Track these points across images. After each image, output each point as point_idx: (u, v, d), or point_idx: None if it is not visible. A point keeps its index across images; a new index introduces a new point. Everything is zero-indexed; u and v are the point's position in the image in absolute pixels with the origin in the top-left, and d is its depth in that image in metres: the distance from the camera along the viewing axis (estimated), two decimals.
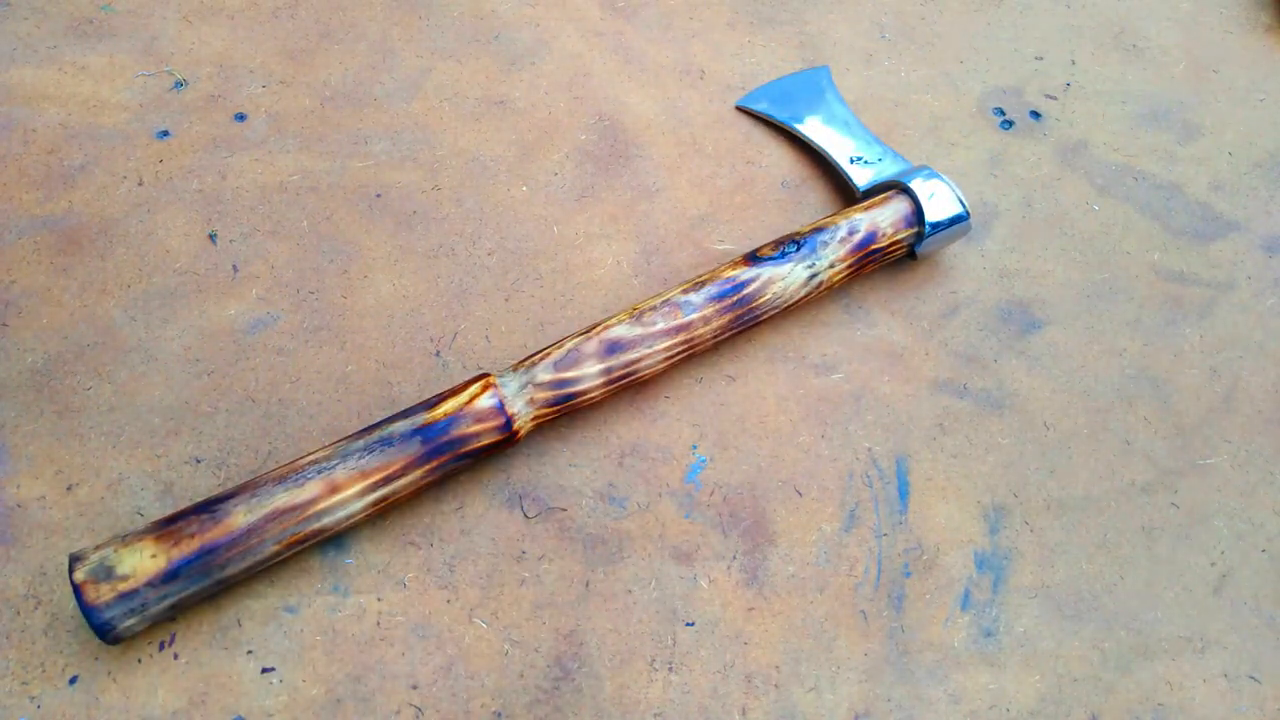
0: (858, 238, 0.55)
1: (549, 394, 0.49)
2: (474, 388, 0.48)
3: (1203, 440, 0.55)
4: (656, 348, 0.51)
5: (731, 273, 0.53)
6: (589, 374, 0.49)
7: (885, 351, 0.57)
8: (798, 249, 0.53)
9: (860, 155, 0.62)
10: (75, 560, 0.42)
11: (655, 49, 0.72)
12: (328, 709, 0.44)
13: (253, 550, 0.44)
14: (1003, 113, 0.70)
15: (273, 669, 0.45)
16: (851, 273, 0.56)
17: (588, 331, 0.50)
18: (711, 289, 0.52)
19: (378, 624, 0.47)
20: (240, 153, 0.63)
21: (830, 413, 0.55)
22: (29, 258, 0.57)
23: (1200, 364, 0.58)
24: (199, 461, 0.51)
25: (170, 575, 0.42)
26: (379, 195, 0.62)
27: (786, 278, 0.53)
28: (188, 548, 0.42)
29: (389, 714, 0.44)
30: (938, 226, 0.57)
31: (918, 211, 0.57)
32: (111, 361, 0.54)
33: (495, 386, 0.48)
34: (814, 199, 0.64)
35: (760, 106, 0.67)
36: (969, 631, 0.48)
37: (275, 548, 0.44)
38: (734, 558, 0.50)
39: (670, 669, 0.46)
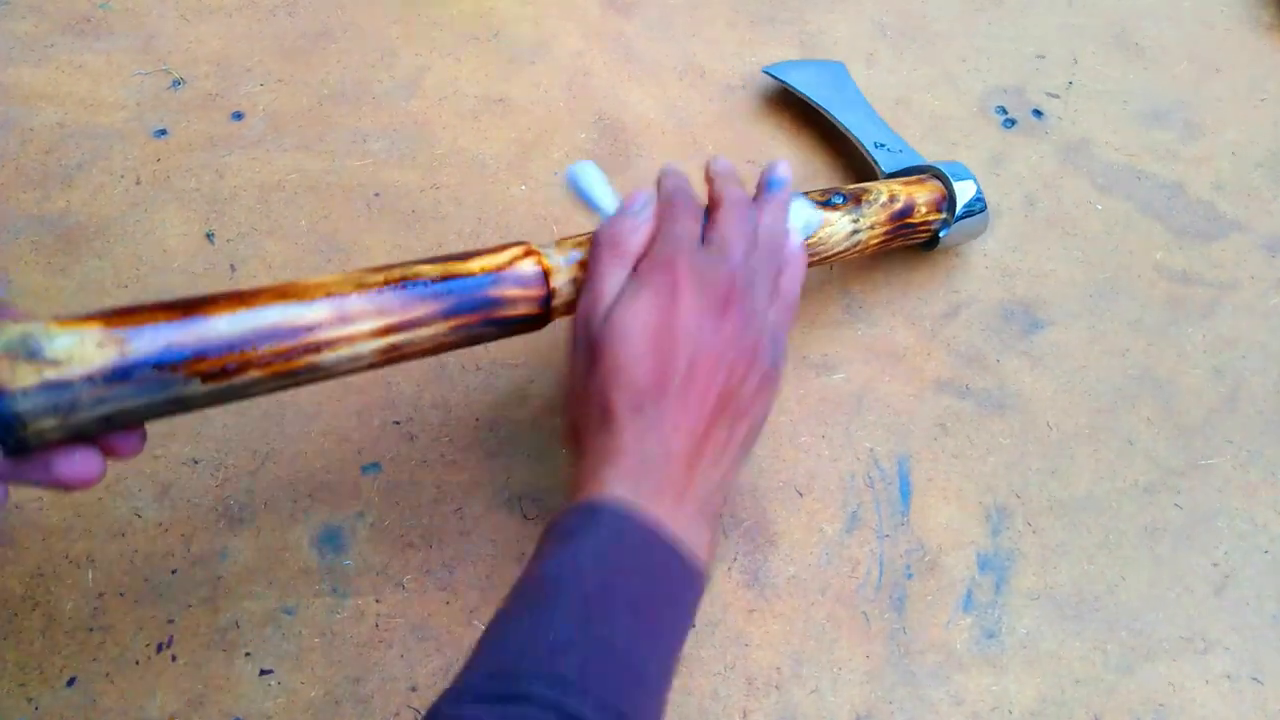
0: (897, 206, 0.55)
1: None
2: (513, 250, 0.42)
3: (1205, 440, 0.55)
4: None
5: None
6: None
7: (887, 351, 0.57)
8: (844, 200, 0.52)
9: (883, 143, 0.62)
10: None
11: (655, 48, 0.72)
12: (326, 711, 0.44)
13: (229, 369, 0.34)
14: (1005, 111, 0.70)
15: (271, 671, 0.45)
16: (883, 242, 0.55)
17: None
18: None
19: (376, 626, 0.46)
20: (238, 152, 0.63)
21: (831, 413, 0.54)
22: (26, 257, 0.57)
23: (1203, 364, 0.58)
24: (196, 462, 0.50)
25: (119, 373, 0.32)
26: (377, 194, 0.62)
27: (834, 224, 0.51)
28: (148, 345, 0.33)
29: (388, 716, 0.44)
30: (965, 215, 0.57)
31: (949, 198, 0.57)
32: None
33: (539, 255, 0.42)
34: None
35: (790, 79, 0.66)
36: (971, 633, 0.48)
37: (257, 374, 0.35)
38: (735, 559, 0.49)
39: None
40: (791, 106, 0.69)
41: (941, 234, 0.57)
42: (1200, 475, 0.54)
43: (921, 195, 0.56)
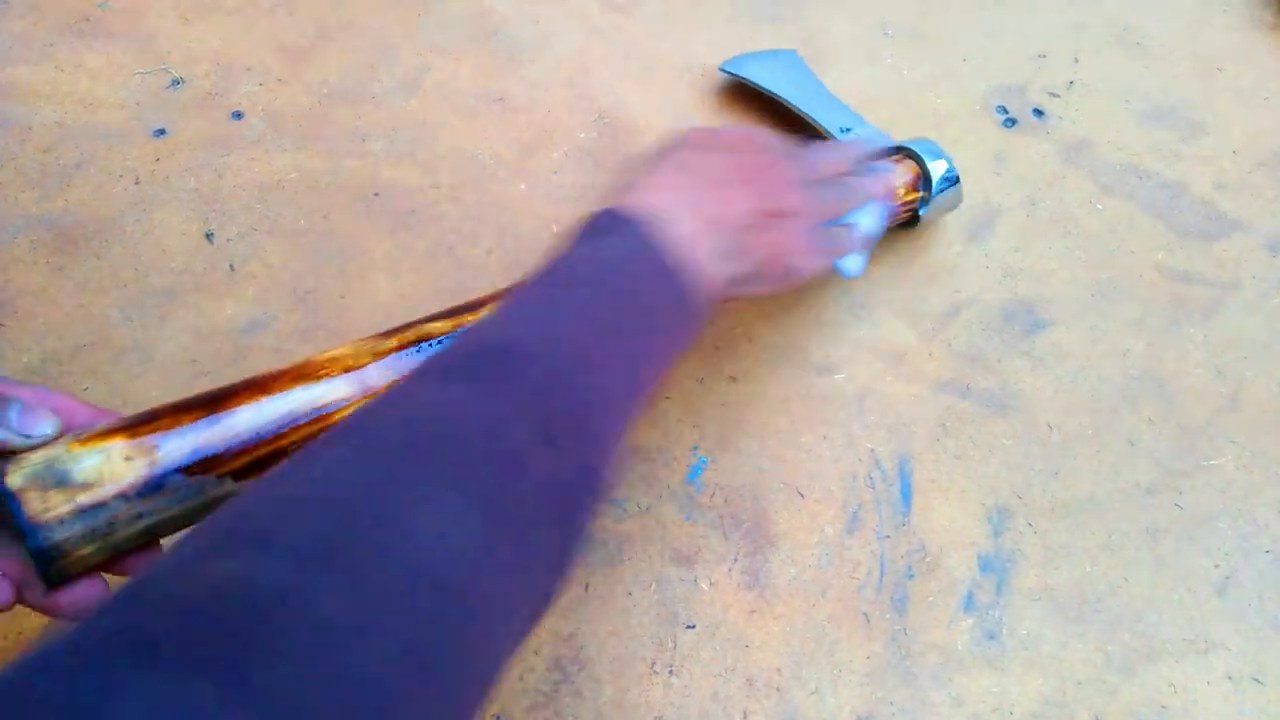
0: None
1: None
2: None
3: (1207, 441, 0.55)
4: None
5: None
6: None
7: (888, 352, 0.57)
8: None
9: (848, 127, 0.62)
10: (5, 463, 0.30)
11: (656, 46, 0.72)
12: None
13: (260, 462, 0.34)
14: (1006, 110, 0.70)
15: None
16: None
17: None
18: None
19: None
20: (237, 151, 0.63)
21: (832, 413, 0.54)
22: (25, 257, 0.57)
23: (1205, 364, 0.58)
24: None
25: (151, 485, 0.31)
26: (377, 194, 0.62)
27: None
28: (176, 450, 0.32)
29: None
30: (941, 188, 0.57)
31: (923, 175, 0.57)
32: (108, 361, 0.53)
33: None
34: None
35: (748, 74, 0.66)
36: (972, 634, 0.48)
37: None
38: (735, 560, 0.49)
39: (671, 672, 0.46)
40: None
41: (921, 212, 0.58)
42: (1202, 476, 0.53)
43: (900, 177, 0.56)
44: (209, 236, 0.59)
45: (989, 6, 0.77)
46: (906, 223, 0.59)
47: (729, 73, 0.67)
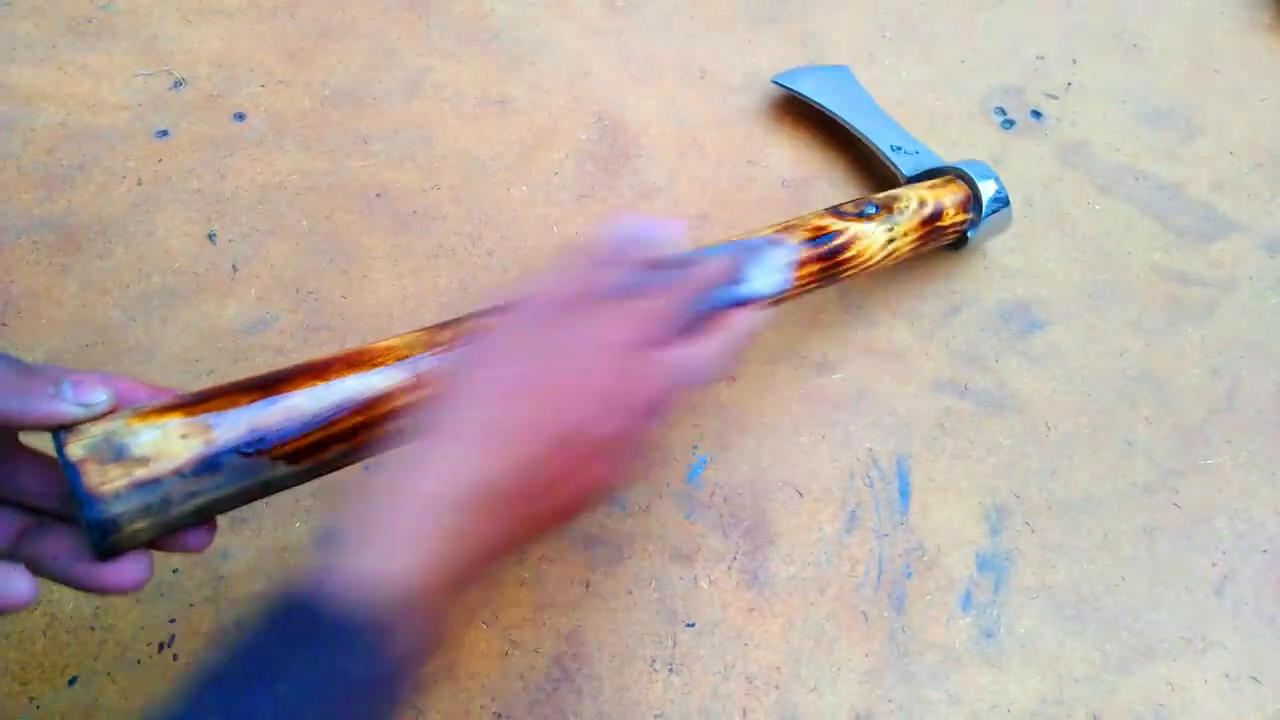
0: (927, 211, 0.55)
1: None
2: None
3: (1204, 440, 0.55)
4: None
5: (820, 222, 0.51)
6: None
7: (886, 351, 0.57)
8: (876, 210, 0.53)
9: (899, 145, 0.62)
10: (66, 434, 0.30)
11: (655, 48, 0.72)
12: None
13: (314, 447, 0.33)
14: (1004, 112, 0.70)
15: None
16: (916, 247, 0.55)
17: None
18: (804, 234, 0.50)
19: None
20: (239, 152, 0.63)
21: (831, 413, 0.55)
22: (28, 257, 0.57)
23: (1202, 364, 0.58)
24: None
25: (208, 464, 0.31)
26: (379, 195, 0.62)
27: (870, 236, 0.52)
28: (232, 430, 0.32)
29: None
30: (991, 212, 0.57)
31: (973, 197, 0.57)
32: (111, 362, 0.53)
33: None
34: (815, 198, 0.64)
35: (799, 87, 0.66)
36: (970, 632, 0.48)
37: (342, 448, 0.34)
38: (734, 558, 0.49)
39: (671, 670, 0.46)
40: (791, 107, 0.69)
41: (970, 233, 0.58)
42: (1199, 475, 0.54)
43: (949, 198, 0.56)
44: (211, 237, 0.59)
45: (987, 8, 0.77)
46: (954, 244, 0.59)
47: (782, 85, 0.67)
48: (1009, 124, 0.70)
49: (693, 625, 0.47)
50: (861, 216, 0.52)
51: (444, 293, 0.58)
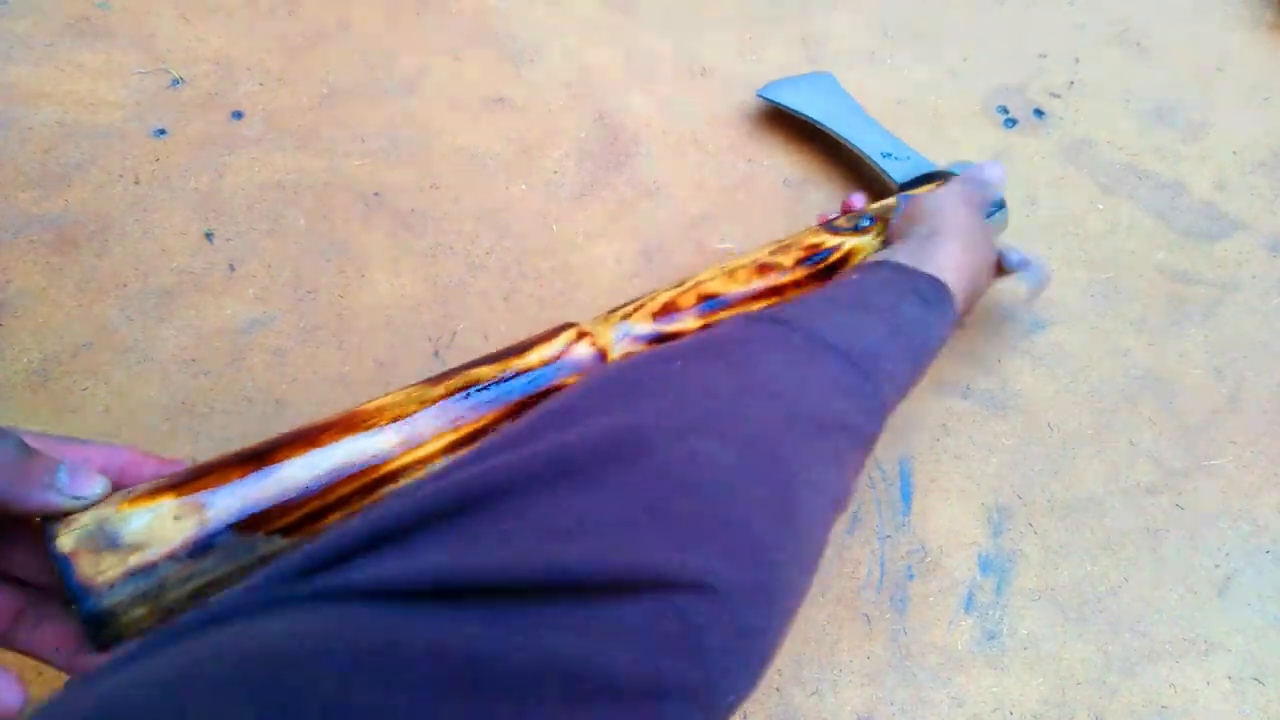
0: None
1: (647, 346, 0.45)
2: (565, 335, 0.41)
3: (1207, 441, 0.55)
4: (752, 308, 0.48)
5: (815, 239, 0.51)
6: (689, 329, 0.46)
7: None
8: (872, 222, 0.52)
9: (889, 151, 0.62)
10: (57, 524, 0.29)
11: (655, 47, 0.72)
12: None
13: (311, 516, 0.33)
14: (1006, 111, 0.70)
15: None
16: None
17: (678, 285, 0.48)
18: (798, 253, 0.50)
19: None
20: (237, 151, 0.63)
21: None
22: (25, 257, 0.57)
23: (1205, 364, 0.58)
24: (196, 462, 0.50)
25: (201, 545, 0.30)
26: (377, 194, 0.62)
27: (866, 248, 0.52)
28: (225, 507, 0.31)
29: None
30: (990, 213, 0.56)
31: None
32: (108, 361, 0.53)
33: (591, 336, 0.42)
34: (816, 197, 0.64)
35: (783, 99, 0.66)
36: (972, 634, 0.48)
37: (338, 515, 0.34)
38: None
39: None
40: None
41: None
42: (1202, 476, 0.53)
43: None
44: (209, 236, 0.59)
45: (989, 7, 0.77)
46: None
47: (766, 99, 0.67)
48: (1011, 123, 0.69)
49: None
50: (857, 230, 0.52)
51: (442, 292, 0.57)
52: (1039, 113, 0.70)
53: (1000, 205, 0.57)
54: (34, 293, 0.55)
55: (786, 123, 0.68)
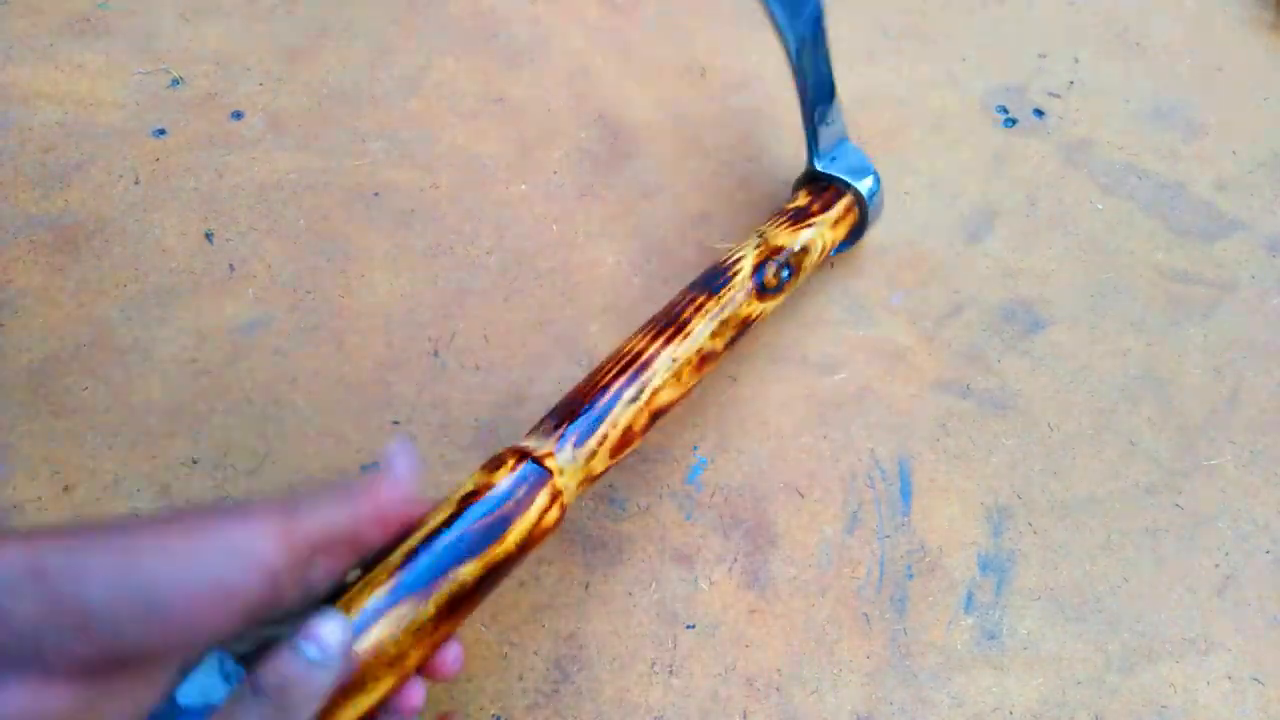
0: (827, 248, 0.55)
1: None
2: (538, 503, 0.39)
3: (1207, 441, 0.55)
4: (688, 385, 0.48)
5: (748, 310, 0.50)
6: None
7: (888, 352, 0.57)
8: (791, 275, 0.52)
9: (831, 122, 0.58)
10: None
11: (655, 47, 0.72)
12: None
13: None
14: (1005, 111, 0.70)
15: None
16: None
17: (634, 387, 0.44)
18: (732, 331, 0.49)
19: None
20: (237, 151, 0.63)
21: (832, 413, 0.54)
22: (25, 257, 0.57)
23: (1204, 364, 0.58)
24: (195, 462, 0.50)
25: None
26: (377, 194, 0.62)
27: (774, 302, 0.52)
28: None
29: None
30: (856, 235, 0.58)
31: (861, 217, 0.57)
32: (108, 361, 0.53)
33: (559, 493, 0.40)
34: None
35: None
36: (972, 634, 0.48)
37: None
38: (735, 560, 0.49)
39: (671, 672, 0.46)
40: (792, 105, 0.68)
41: (841, 247, 0.58)
42: (1202, 476, 0.53)
43: (839, 231, 0.56)
44: (209, 236, 0.59)
45: (989, 6, 0.77)
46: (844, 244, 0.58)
47: None
48: (1011, 122, 0.69)
49: (693, 627, 0.47)
50: (778, 291, 0.51)
51: (442, 292, 0.57)
52: (1039, 112, 0.70)
53: (876, 190, 0.56)
54: (33, 293, 0.55)
55: (788, 121, 0.68)
